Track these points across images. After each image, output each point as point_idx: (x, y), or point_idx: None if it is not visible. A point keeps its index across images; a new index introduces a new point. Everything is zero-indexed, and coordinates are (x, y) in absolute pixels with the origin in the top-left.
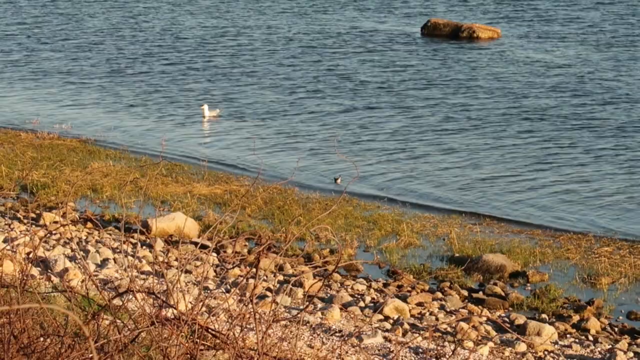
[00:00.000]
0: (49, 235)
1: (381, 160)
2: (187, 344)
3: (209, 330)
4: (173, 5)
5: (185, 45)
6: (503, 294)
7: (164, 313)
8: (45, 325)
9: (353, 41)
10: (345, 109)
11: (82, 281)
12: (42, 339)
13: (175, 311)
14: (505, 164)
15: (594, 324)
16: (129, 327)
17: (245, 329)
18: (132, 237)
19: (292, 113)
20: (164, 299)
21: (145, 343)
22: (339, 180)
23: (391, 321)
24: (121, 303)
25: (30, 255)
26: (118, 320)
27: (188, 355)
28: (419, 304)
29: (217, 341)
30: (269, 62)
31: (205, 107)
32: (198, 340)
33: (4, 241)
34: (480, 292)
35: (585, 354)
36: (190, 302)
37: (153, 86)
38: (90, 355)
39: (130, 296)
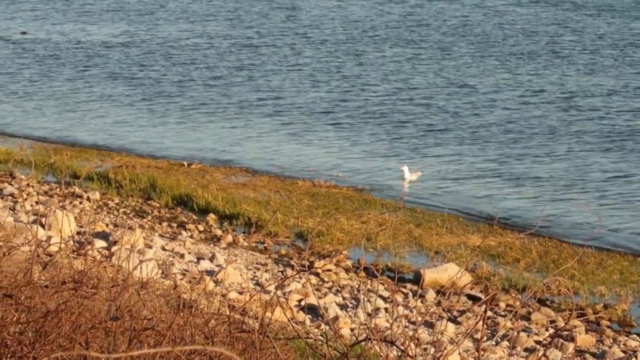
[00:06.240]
0: (321, 283)
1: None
2: None
3: None
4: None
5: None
6: None
7: None
8: None
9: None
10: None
11: (352, 329)
12: None
13: None
14: None
15: None
16: None
17: None
18: (405, 286)
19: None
20: (403, 348)
21: None
22: None
23: None
24: (361, 350)
25: (302, 303)
26: None
27: None
28: None
29: None
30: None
31: (405, 168)
32: None
33: (276, 288)
34: None
35: None
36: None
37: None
38: None
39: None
